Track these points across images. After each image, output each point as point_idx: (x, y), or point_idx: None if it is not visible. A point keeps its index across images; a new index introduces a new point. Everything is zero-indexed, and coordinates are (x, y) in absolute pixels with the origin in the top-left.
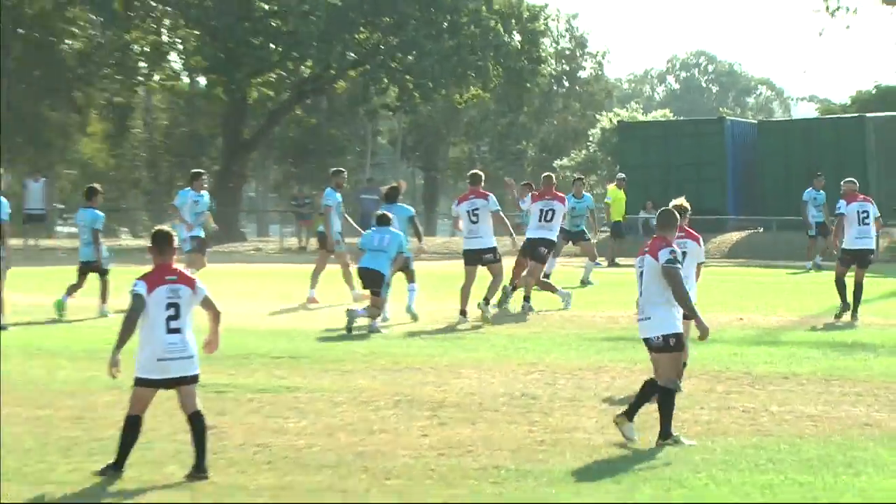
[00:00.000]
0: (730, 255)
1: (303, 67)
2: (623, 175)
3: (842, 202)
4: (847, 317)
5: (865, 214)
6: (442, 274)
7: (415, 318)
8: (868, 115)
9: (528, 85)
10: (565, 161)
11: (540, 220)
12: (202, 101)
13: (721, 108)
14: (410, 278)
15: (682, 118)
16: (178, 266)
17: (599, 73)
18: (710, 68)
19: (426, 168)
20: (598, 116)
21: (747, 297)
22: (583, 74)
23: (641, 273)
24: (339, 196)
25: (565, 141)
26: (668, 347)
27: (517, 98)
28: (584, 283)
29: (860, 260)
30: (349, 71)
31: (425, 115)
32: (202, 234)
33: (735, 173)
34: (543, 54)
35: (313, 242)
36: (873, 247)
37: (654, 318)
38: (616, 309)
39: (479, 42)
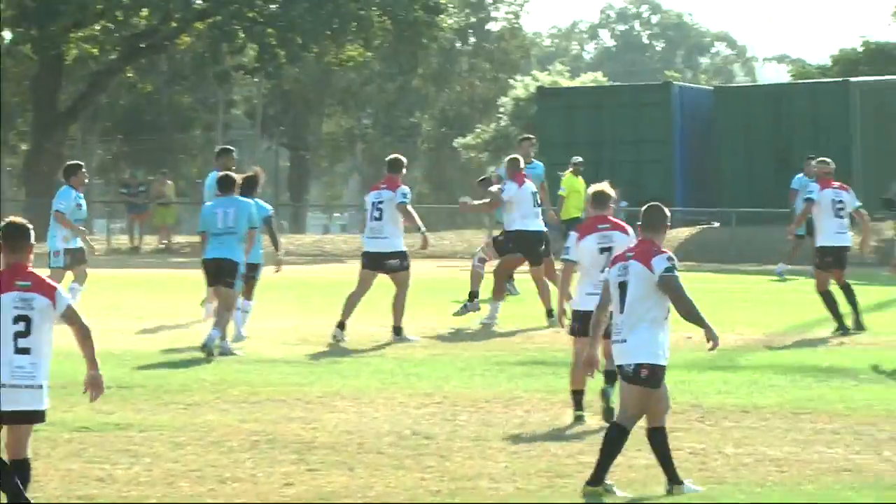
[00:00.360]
0: (677, 255)
1: (135, 19)
2: (580, 158)
3: (815, 186)
4: (840, 335)
5: (841, 205)
6: (312, 281)
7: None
8: (853, 79)
9: (424, 41)
10: (469, 139)
11: (534, 206)
12: (5, 61)
13: (668, 71)
14: (248, 293)
15: (618, 83)
16: (37, 271)
17: (515, 26)
18: (654, 20)
19: (293, 146)
20: (512, 81)
21: None
22: (494, 28)
23: (623, 284)
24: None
25: (471, 112)
26: (638, 379)
27: (409, 58)
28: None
29: (840, 260)
30: (195, 23)
31: (292, 79)
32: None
33: (684, 153)
34: (443, 2)
35: (150, 241)
36: (850, 244)
37: (630, 342)
38: (534, 324)
39: None
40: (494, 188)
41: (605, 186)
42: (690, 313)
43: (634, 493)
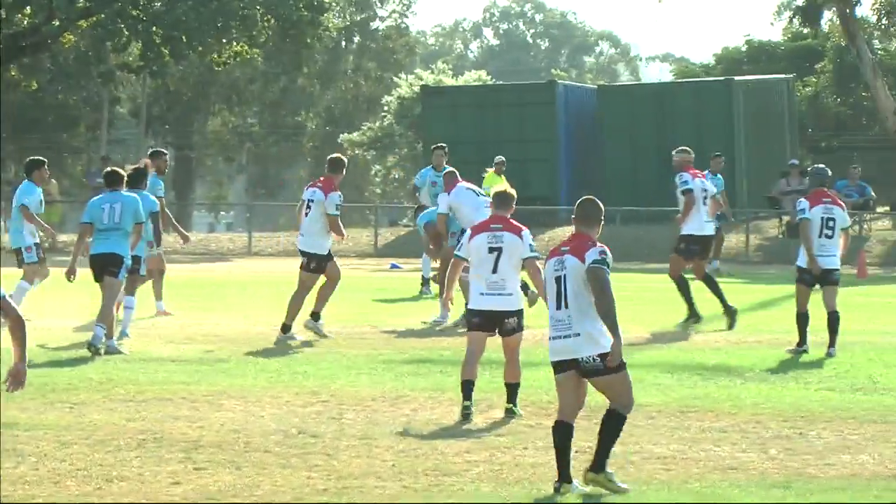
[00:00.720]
0: None
1: (18, 16)
2: (502, 158)
3: (687, 176)
4: (693, 323)
5: (705, 194)
6: (198, 280)
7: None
8: (737, 78)
9: (309, 40)
10: (355, 136)
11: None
12: None
13: (553, 70)
14: (131, 289)
15: (502, 82)
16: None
17: (401, 25)
18: (539, 19)
19: (178, 145)
20: (396, 80)
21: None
22: (379, 27)
23: (560, 279)
24: (161, 184)
25: (356, 111)
26: (605, 369)
27: (294, 56)
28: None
29: (706, 249)
30: (78, 22)
31: (177, 77)
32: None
33: (569, 152)
34: (327, 1)
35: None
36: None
37: (583, 335)
38: (420, 324)
39: None
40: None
41: (507, 187)
42: (607, 314)
43: (522, 490)
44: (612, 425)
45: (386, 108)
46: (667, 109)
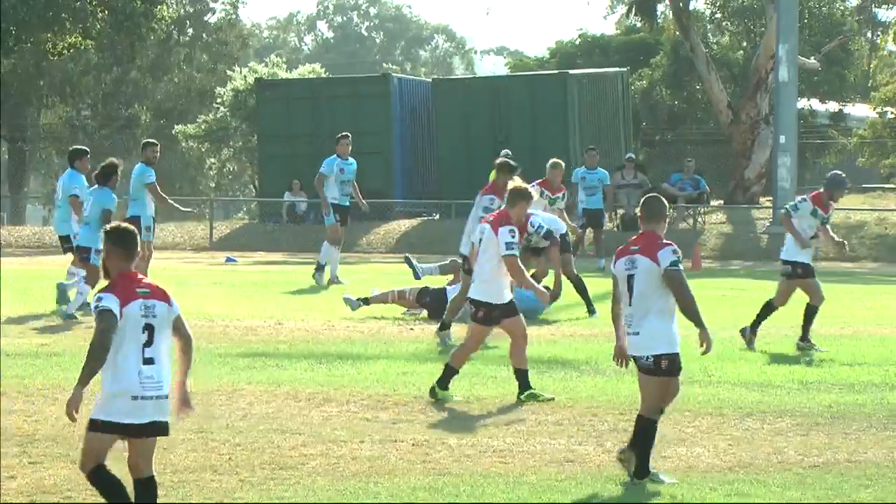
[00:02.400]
0: (397, 248)
1: None
2: (508, 152)
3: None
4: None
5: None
6: (32, 273)
7: None
8: (571, 71)
9: (142, 31)
10: (190, 128)
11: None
12: None
13: (387, 63)
14: None
15: (336, 76)
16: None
17: (233, 17)
18: (373, 12)
19: (11, 138)
20: (230, 73)
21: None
22: (212, 19)
23: (630, 277)
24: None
25: (189, 104)
26: (659, 370)
27: (127, 48)
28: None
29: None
30: None
31: (8, 69)
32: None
33: (403, 145)
34: None
35: None
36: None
37: (643, 334)
38: (256, 318)
39: None
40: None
41: (518, 182)
42: (690, 309)
43: (359, 483)
44: (640, 429)
45: (219, 100)
46: (501, 103)
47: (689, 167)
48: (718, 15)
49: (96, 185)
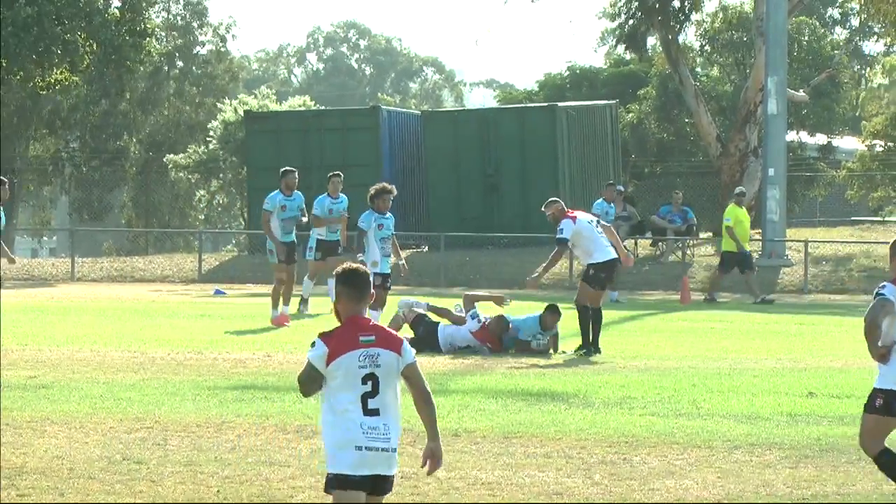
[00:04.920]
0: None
1: None
2: (743, 189)
3: (566, 222)
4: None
5: (595, 224)
6: (20, 306)
7: None
8: (560, 104)
9: (130, 64)
10: (181, 157)
11: None
12: None
13: (381, 94)
14: None
15: (326, 108)
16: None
17: (222, 49)
18: (363, 44)
19: (1, 170)
20: (220, 105)
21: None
22: (201, 51)
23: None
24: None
25: (178, 136)
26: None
27: (116, 81)
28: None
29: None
30: None
31: None
32: None
33: (393, 177)
34: (150, 26)
35: None
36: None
37: (883, 369)
38: (245, 350)
39: (66, 9)
40: None
41: None
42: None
43: None
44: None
45: (211, 133)
46: (491, 135)
47: (676, 199)
48: (708, 48)
49: None
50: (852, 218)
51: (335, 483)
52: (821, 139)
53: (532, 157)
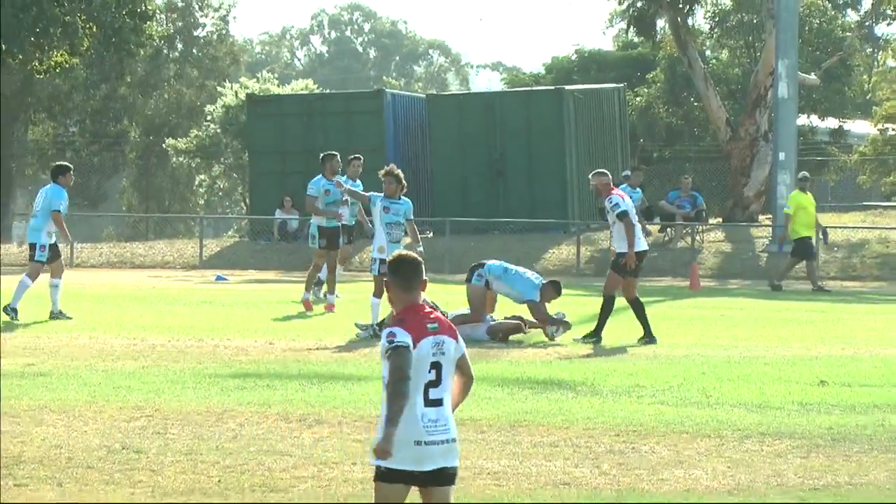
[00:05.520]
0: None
1: None
2: (807, 174)
3: (615, 197)
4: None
5: (634, 211)
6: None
7: None
8: (567, 87)
9: (131, 47)
10: (181, 143)
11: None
12: None
13: (385, 77)
14: None
15: (329, 91)
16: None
17: (223, 32)
18: (367, 27)
19: None
20: (221, 88)
21: None
22: (201, 34)
23: None
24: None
25: (179, 119)
26: None
27: (116, 64)
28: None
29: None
30: None
31: None
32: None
33: (398, 162)
34: (149, 8)
35: None
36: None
37: None
38: (247, 337)
39: None
40: None
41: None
42: None
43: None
44: None
45: (210, 116)
46: (497, 119)
47: (685, 184)
48: (717, 30)
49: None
50: (864, 203)
51: (388, 476)
52: (832, 123)
53: (538, 141)
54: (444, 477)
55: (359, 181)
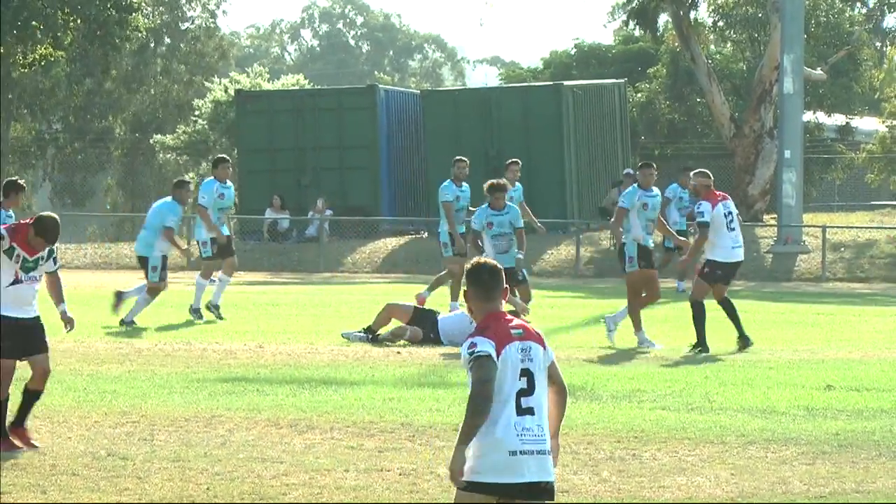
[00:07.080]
0: (383, 267)
1: None
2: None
3: (705, 204)
4: (699, 352)
5: (731, 218)
6: None
7: None
8: (566, 82)
9: (116, 40)
10: (169, 139)
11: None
12: None
13: (378, 73)
14: None
15: (321, 87)
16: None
17: (212, 25)
18: (360, 21)
19: None
20: (209, 84)
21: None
22: (190, 27)
23: None
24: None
25: (166, 116)
26: None
27: (101, 59)
28: None
29: (731, 275)
30: None
31: None
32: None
33: (391, 160)
34: (136, 1)
35: None
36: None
37: None
38: (236, 341)
39: None
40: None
41: None
42: None
43: None
44: None
45: (197, 112)
46: (493, 115)
47: (686, 178)
48: (721, 24)
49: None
50: (872, 202)
51: (473, 487)
52: (839, 120)
53: (536, 138)
54: (540, 492)
55: (518, 184)
